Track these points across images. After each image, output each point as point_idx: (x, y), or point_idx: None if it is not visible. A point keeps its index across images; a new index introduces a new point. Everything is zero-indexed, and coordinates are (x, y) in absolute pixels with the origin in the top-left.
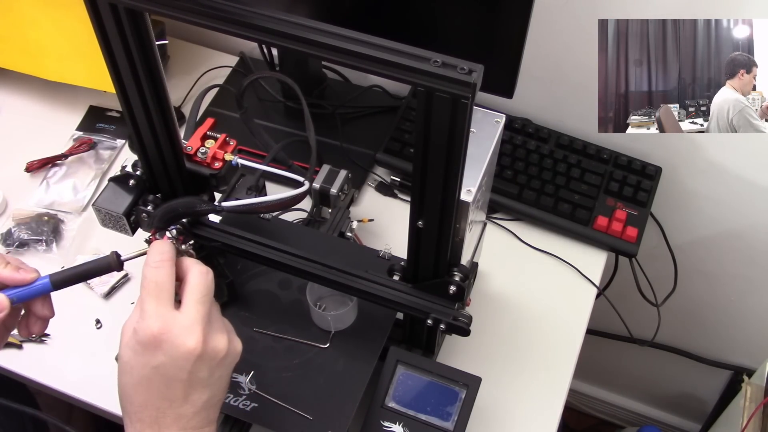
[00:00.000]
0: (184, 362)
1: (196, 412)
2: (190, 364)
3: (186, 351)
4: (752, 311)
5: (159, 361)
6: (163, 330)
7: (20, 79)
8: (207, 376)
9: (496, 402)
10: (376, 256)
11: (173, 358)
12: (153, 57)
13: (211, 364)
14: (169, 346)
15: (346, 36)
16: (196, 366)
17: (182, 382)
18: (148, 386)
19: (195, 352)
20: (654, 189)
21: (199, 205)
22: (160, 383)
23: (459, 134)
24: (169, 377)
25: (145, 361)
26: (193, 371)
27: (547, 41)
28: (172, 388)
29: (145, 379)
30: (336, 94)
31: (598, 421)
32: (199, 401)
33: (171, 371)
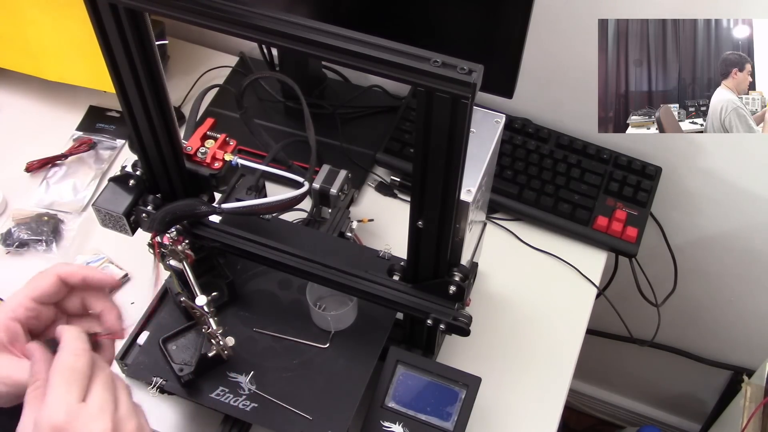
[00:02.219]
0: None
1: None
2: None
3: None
4: (752, 311)
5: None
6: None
7: (20, 79)
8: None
9: (496, 402)
10: (376, 256)
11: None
12: (153, 57)
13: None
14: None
15: (346, 36)
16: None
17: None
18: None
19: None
20: (654, 189)
21: (199, 208)
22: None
23: (459, 134)
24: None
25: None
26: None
27: (547, 41)
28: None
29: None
30: (336, 94)
31: (598, 421)
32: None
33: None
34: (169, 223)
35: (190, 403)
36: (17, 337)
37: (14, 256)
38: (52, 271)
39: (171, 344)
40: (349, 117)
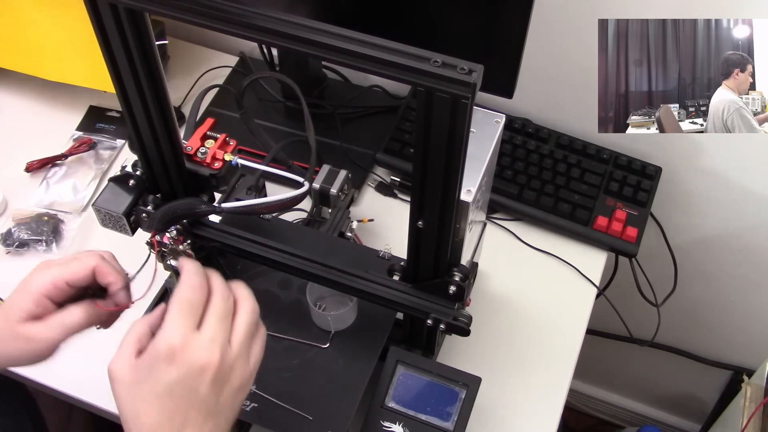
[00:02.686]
0: (194, 380)
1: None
2: (202, 384)
3: (198, 367)
4: (752, 311)
5: (170, 377)
6: (181, 346)
7: (20, 79)
8: (217, 401)
9: (496, 402)
10: (376, 256)
11: (184, 375)
12: (153, 57)
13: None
14: (182, 363)
15: (346, 36)
16: (207, 388)
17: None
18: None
19: (207, 369)
20: (654, 189)
21: (199, 207)
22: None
23: (459, 134)
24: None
25: (157, 380)
26: (204, 394)
27: (547, 41)
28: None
29: (158, 398)
30: (336, 94)
31: (598, 421)
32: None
33: (181, 390)
34: (168, 222)
35: None
36: (47, 309)
37: (14, 256)
38: (90, 262)
39: None
40: (349, 117)
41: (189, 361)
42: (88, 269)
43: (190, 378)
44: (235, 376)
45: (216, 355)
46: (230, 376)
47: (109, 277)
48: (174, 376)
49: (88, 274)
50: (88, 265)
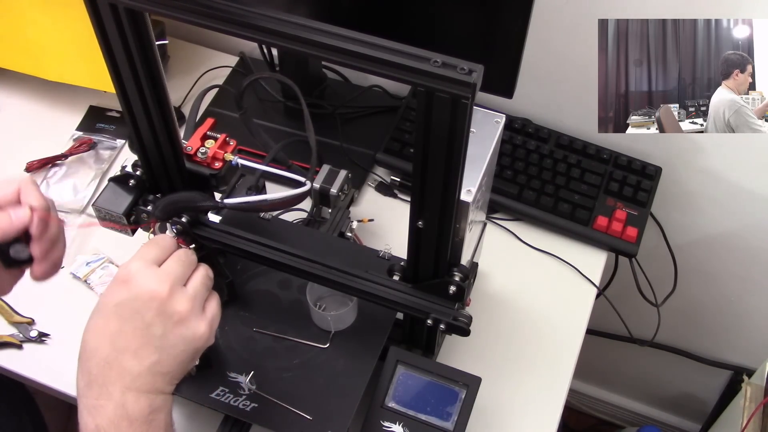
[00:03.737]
0: (141, 305)
1: (141, 372)
2: (148, 311)
3: (147, 291)
4: (752, 311)
5: (121, 297)
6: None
7: (20, 79)
8: (160, 335)
9: (496, 402)
10: (376, 256)
11: (134, 297)
12: (153, 57)
13: (167, 322)
14: (134, 285)
15: (346, 36)
16: (152, 316)
17: (135, 329)
18: (103, 327)
19: (155, 297)
20: (654, 189)
21: (201, 201)
22: (115, 325)
23: (459, 134)
24: (125, 319)
25: (109, 299)
26: (148, 321)
27: (547, 41)
28: (124, 333)
29: (103, 318)
30: (336, 94)
31: (598, 421)
32: (146, 360)
33: (128, 312)
34: (170, 213)
35: (190, 403)
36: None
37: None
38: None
39: None
40: (349, 117)
41: (140, 284)
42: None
43: (138, 302)
44: (185, 317)
45: (165, 287)
46: (179, 316)
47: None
48: (123, 296)
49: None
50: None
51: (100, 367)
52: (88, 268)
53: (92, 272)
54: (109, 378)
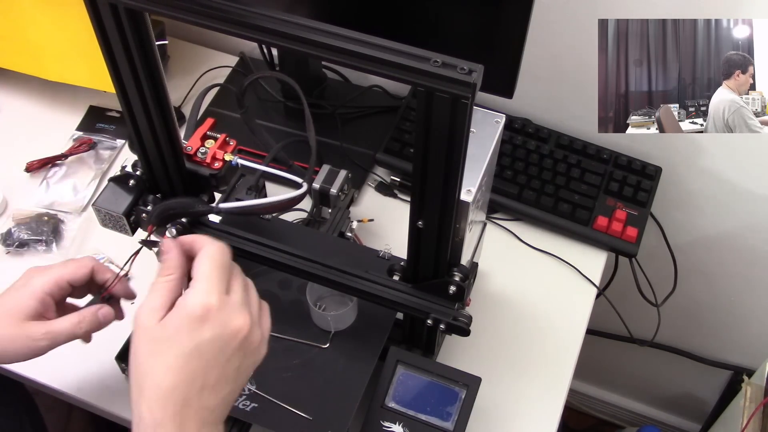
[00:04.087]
0: (224, 343)
1: (217, 405)
2: (230, 347)
3: (232, 331)
4: (752, 311)
5: (203, 338)
6: (218, 309)
7: (20, 79)
8: (236, 367)
9: (496, 402)
10: (376, 256)
11: (218, 336)
12: (153, 57)
13: (244, 355)
14: (217, 324)
15: (346, 36)
16: (233, 351)
17: (216, 366)
18: (183, 367)
19: (238, 335)
20: (654, 189)
21: (196, 206)
22: (196, 365)
23: (459, 134)
24: (207, 359)
25: (189, 339)
26: (228, 356)
27: (547, 41)
28: (205, 372)
29: (183, 358)
30: (336, 94)
31: (598, 421)
32: (222, 392)
33: (211, 352)
34: (165, 219)
35: None
36: (49, 308)
37: (14, 256)
38: (87, 262)
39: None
40: (349, 117)
41: (224, 322)
42: (87, 268)
43: (222, 340)
44: (255, 346)
45: (248, 320)
46: (254, 346)
47: (107, 273)
48: (207, 336)
49: (86, 273)
50: (87, 265)
51: (179, 406)
52: None
53: None
54: (187, 416)
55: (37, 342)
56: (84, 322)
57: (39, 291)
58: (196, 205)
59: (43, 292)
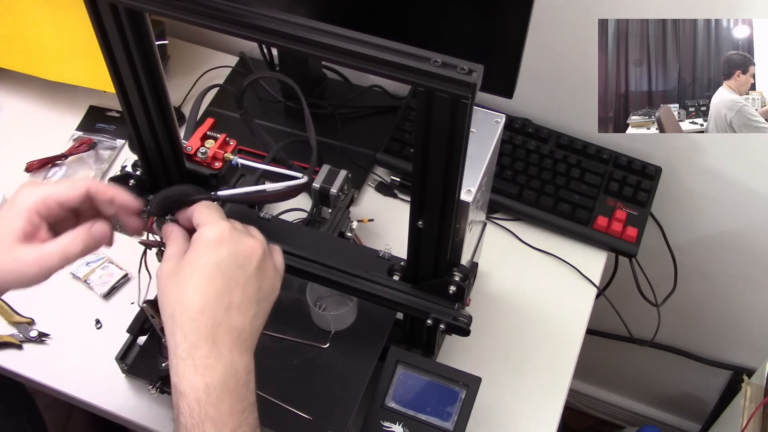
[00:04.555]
0: (243, 260)
1: (244, 327)
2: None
3: (248, 248)
4: (752, 311)
5: (221, 256)
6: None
7: (20, 79)
8: (257, 288)
9: (496, 402)
10: (376, 256)
11: (235, 254)
12: (153, 57)
13: (262, 276)
14: (233, 243)
15: (346, 36)
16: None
17: (237, 285)
18: (208, 286)
19: (255, 253)
20: (654, 189)
21: (194, 194)
22: (220, 284)
23: (459, 134)
24: (228, 277)
25: (208, 260)
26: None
27: (547, 41)
28: (229, 290)
29: (205, 278)
30: (336, 94)
31: (598, 421)
32: (248, 314)
33: (231, 269)
34: (165, 208)
35: None
36: (38, 228)
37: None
38: (82, 184)
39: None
40: (349, 117)
41: (238, 241)
42: (81, 190)
43: (240, 258)
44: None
45: (258, 243)
46: (267, 271)
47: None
48: (224, 254)
49: (79, 195)
50: (80, 186)
51: (209, 326)
52: (88, 268)
53: (92, 272)
54: (218, 336)
55: (29, 267)
56: (77, 240)
57: (24, 209)
58: (194, 192)
59: (29, 210)
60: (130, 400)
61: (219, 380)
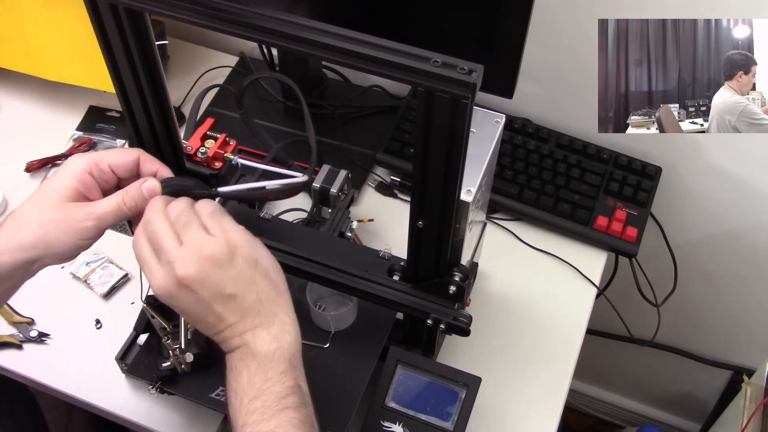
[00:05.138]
0: (261, 249)
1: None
2: (266, 251)
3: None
4: (752, 311)
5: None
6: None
7: (20, 79)
8: (236, 276)
9: (496, 402)
10: (376, 256)
11: (251, 247)
12: (153, 57)
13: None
14: (246, 245)
15: (346, 36)
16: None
17: (275, 267)
18: (250, 283)
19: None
20: (654, 189)
21: (196, 188)
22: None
23: (459, 134)
24: (267, 269)
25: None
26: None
27: (547, 41)
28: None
29: (249, 280)
30: (336, 94)
31: (598, 421)
32: (246, 300)
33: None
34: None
35: (190, 403)
36: (92, 189)
37: None
38: (134, 150)
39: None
40: (349, 117)
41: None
42: (132, 155)
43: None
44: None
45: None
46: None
47: (154, 165)
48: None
49: (130, 161)
50: (132, 152)
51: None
52: (88, 268)
53: (92, 272)
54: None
55: (81, 223)
56: (128, 196)
57: (78, 170)
58: (195, 186)
59: (83, 171)
60: (130, 400)
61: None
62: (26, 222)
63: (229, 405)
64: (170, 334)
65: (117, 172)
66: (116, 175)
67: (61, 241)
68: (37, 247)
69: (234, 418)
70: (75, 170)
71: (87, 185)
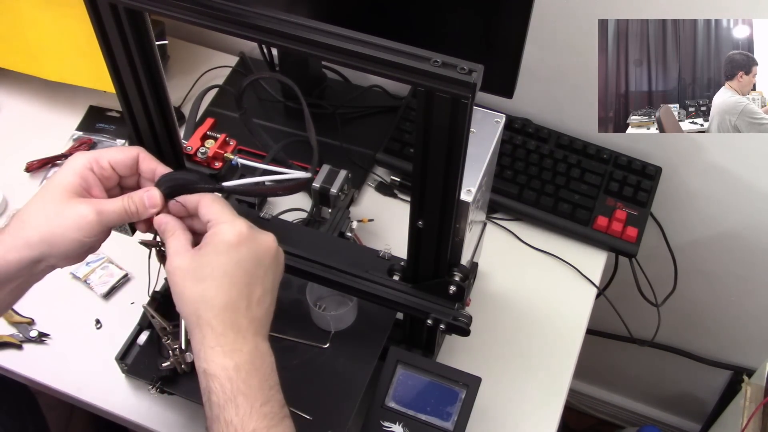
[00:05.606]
0: (262, 256)
1: (262, 317)
2: (265, 260)
3: (265, 246)
4: (752, 311)
5: (242, 255)
6: (249, 230)
7: (20, 79)
8: (272, 280)
9: (496, 402)
10: (376, 256)
11: (254, 252)
12: (153, 57)
13: (276, 269)
14: (252, 242)
15: (346, 36)
16: (267, 265)
17: (257, 279)
18: (230, 283)
19: (271, 248)
20: (654, 189)
21: (200, 182)
22: (241, 279)
23: (459, 134)
24: (250, 273)
25: (230, 259)
26: (265, 269)
27: (547, 41)
28: (250, 285)
29: (228, 276)
30: (336, 94)
31: (598, 421)
32: (264, 305)
33: (251, 266)
34: (172, 190)
35: (190, 403)
36: (93, 185)
37: None
38: (134, 149)
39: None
40: (349, 117)
41: (255, 240)
42: (132, 153)
43: (258, 255)
44: (282, 259)
45: (273, 240)
46: (280, 258)
47: (153, 163)
48: (244, 253)
49: (130, 158)
50: (132, 150)
51: (233, 318)
52: (88, 268)
53: (92, 272)
54: (242, 325)
55: (85, 217)
56: (133, 199)
57: (80, 166)
58: (199, 180)
59: (84, 167)
60: (130, 400)
61: (247, 360)
62: (31, 217)
63: (227, 407)
64: (170, 334)
65: (117, 170)
66: (116, 172)
67: (66, 238)
68: (42, 243)
69: (234, 421)
70: (77, 167)
71: (88, 181)
